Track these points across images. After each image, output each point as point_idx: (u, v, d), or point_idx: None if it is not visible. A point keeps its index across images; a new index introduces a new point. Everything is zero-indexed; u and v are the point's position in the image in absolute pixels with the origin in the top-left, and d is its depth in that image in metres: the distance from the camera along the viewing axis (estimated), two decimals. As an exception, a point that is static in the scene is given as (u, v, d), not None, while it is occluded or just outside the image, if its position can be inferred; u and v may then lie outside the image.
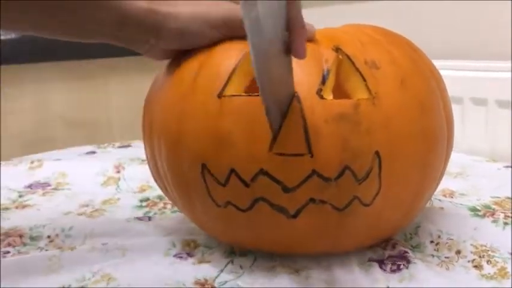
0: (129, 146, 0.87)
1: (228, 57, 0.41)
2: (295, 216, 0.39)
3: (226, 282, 0.42)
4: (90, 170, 0.70)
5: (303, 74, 0.38)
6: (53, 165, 0.72)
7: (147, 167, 0.49)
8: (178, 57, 0.45)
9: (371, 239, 0.46)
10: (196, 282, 0.42)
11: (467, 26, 0.85)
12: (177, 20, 0.42)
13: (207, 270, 0.44)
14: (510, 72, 0.74)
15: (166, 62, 0.47)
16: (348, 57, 0.40)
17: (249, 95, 0.39)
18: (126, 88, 1.36)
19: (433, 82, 0.44)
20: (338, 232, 0.42)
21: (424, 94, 0.42)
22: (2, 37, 1.14)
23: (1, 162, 0.74)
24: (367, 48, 0.41)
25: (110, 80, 1.36)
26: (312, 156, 0.37)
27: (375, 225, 0.42)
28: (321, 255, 0.45)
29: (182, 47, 0.44)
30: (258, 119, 0.38)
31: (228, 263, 0.45)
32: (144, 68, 0.91)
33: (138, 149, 0.48)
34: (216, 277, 0.43)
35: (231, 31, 0.43)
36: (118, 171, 0.70)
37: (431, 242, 0.48)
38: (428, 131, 0.41)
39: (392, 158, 0.39)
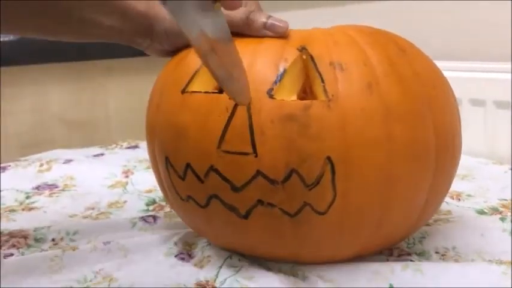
0: (136, 146, 0.88)
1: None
2: (246, 216, 0.39)
3: (225, 280, 0.42)
4: (99, 173, 0.72)
5: (257, 73, 0.38)
6: (62, 168, 0.74)
7: None
8: (174, 55, 0.47)
9: (339, 252, 0.43)
10: (198, 284, 0.42)
11: (466, 27, 0.83)
12: (164, 22, 0.45)
13: (207, 270, 0.44)
14: (508, 73, 0.71)
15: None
16: (311, 57, 0.38)
17: (207, 92, 0.40)
18: (124, 89, 1.37)
19: (416, 88, 0.40)
20: (296, 239, 0.40)
21: (397, 100, 0.38)
22: (2, 39, 1.15)
23: (10, 164, 0.77)
24: (339, 49, 0.39)
25: (109, 81, 1.36)
26: (256, 156, 0.36)
27: (337, 236, 0.40)
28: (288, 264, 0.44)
29: (172, 46, 0.46)
30: (212, 116, 0.38)
31: (226, 258, 0.44)
32: (142, 69, 0.92)
33: (146, 150, 0.49)
34: (217, 276, 0.42)
35: None
36: (126, 176, 0.71)
37: (437, 253, 0.46)
38: (396, 139, 0.38)
39: (348, 164, 0.37)
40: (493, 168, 0.69)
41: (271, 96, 0.37)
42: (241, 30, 0.42)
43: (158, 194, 0.62)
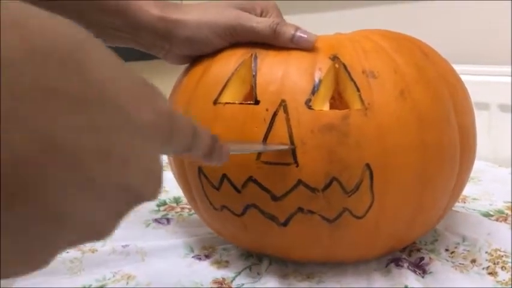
0: None
1: (227, 64, 0.42)
2: (285, 224, 0.40)
3: (243, 284, 0.43)
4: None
5: (293, 84, 0.38)
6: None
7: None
8: (192, 62, 0.47)
9: (372, 251, 0.44)
10: (215, 282, 0.43)
11: (470, 30, 0.85)
12: (186, 28, 0.44)
13: (224, 272, 0.45)
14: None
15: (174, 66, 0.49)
16: (344, 66, 0.39)
17: (241, 103, 0.40)
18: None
19: (443, 91, 0.41)
20: (332, 242, 0.41)
21: (427, 105, 0.39)
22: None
23: None
24: (368, 57, 0.40)
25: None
26: (297, 166, 0.37)
27: (373, 237, 0.41)
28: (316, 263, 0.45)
29: (193, 53, 0.46)
30: (248, 127, 0.39)
31: (245, 268, 0.46)
32: (147, 73, 0.91)
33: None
34: (234, 279, 0.44)
35: (235, 38, 0.44)
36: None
37: (446, 250, 0.47)
38: (428, 144, 0.39)
39: (385, 170, 0.38)
40: (498, 171, 0.69)
41: (309, 107, 0.37)
42: (268, 42, 0.42)
43: (168, 195, 0.63)
